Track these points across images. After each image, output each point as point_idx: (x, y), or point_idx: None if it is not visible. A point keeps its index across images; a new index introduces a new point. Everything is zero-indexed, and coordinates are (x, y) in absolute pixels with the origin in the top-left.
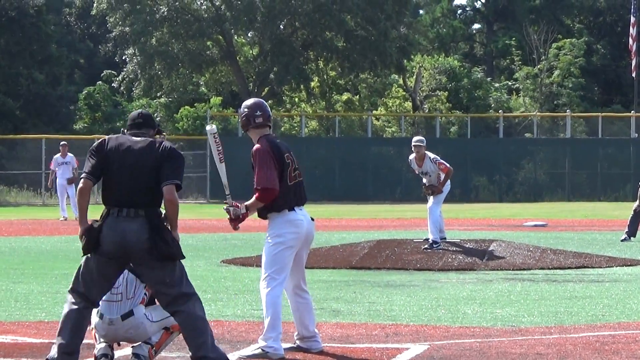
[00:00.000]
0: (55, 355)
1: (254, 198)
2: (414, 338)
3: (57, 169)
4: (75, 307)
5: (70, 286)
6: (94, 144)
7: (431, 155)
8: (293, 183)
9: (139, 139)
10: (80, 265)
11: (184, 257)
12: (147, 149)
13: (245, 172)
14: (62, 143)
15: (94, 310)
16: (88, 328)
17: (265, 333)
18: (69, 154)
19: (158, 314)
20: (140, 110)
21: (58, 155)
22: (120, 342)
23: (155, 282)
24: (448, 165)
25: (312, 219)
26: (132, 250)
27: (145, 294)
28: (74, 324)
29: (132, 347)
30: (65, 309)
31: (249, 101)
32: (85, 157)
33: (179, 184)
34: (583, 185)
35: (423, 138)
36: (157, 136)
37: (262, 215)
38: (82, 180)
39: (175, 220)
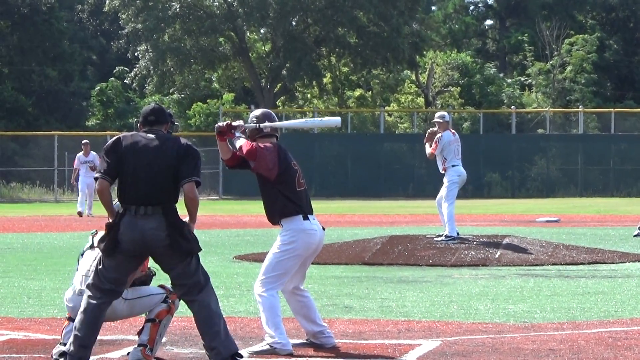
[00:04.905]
0: (71, 348)
1: (245, 143)
2: (426, 334)
3: (79, 167)
4: (94, 301)
5: (90, 282)
6: (109, 142)
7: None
8: (300, 190)
9: (153, 136)
10: (98, 263)
11: (201, 250)
12: (162, 147)
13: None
14: (84, 142)
15: (71, 284)
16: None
17: (269, 331)
18: (92, 152)
19: (133, 292)
20: (152, 105)
21: (81, 153)
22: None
23: (174, 275)
24: (434, 151)
25: (323, 229)
26: (151, 247)
27: None
28: (91, 318)
29: (128, 354)
30: (83, 303)
31: (258, 111)
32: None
33: (198, 181)
34: (595, 181)
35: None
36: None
37: (274, 220)
38: (98, 180)
39: (195, 214)
